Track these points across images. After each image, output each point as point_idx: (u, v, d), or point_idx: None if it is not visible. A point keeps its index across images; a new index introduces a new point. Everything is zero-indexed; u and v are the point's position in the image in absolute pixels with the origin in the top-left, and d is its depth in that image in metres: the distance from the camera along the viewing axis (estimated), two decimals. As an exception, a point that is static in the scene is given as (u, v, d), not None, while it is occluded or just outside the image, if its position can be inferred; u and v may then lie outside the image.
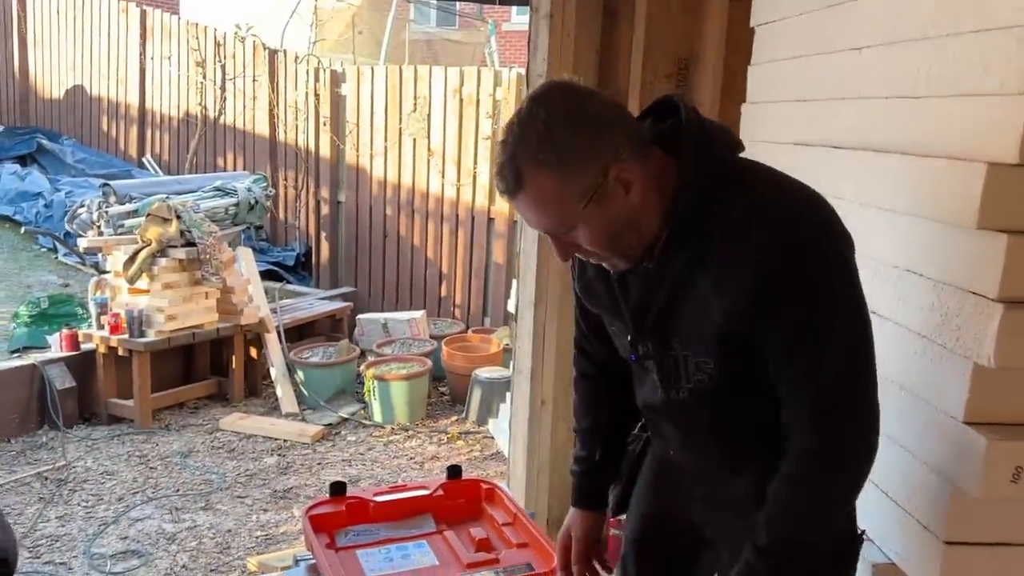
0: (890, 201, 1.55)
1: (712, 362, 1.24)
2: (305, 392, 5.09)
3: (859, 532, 1.34)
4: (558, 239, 1.23)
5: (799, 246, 1.15)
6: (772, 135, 2.14)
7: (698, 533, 1.48)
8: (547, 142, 1.14)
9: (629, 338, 1.33)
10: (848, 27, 1.75)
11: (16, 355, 5.07)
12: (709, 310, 1.20)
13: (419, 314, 5.83)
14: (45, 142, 8.55)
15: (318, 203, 6.98)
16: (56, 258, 7.27)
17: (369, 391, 4.93)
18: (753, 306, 1.16)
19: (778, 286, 1.14)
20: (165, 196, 5.03)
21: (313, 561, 1.73)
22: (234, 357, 5.12)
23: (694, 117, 1.23)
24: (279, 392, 5.08)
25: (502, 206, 6.01)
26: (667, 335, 1.28)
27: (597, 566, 1.62)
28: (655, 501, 1.56)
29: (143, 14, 8.30)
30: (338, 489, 1.89)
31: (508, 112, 5.89)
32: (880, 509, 1.54)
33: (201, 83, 7.69)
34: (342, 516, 1.84)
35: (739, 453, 1.35)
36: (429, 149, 6.29)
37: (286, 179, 7.16)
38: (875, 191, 1.61)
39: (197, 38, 7.69)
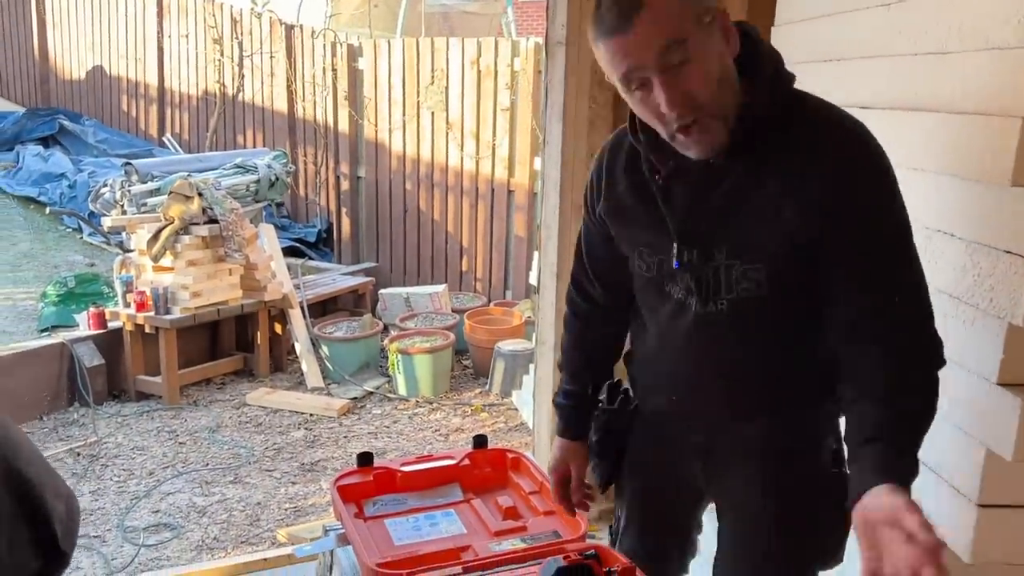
0: (921, 160, 1.52)
1: (764, 267, 1.25)
2: (330, 366, 5.13)
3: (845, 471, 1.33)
4: (670, 77, 1.15)
5: (879, 160, 1.21)
6: (797, 97, 2.10)
7: (699, 492, 1.52)
8: None
9: (675, 247, 1.29)
10: (876, -17, 1.71)
11: (45, 334, 5.16)
12: (777, 212, 1.21)
13: (441, 288, 5.85)
14: (67, 123, 8.62)
15: (338, 179, 6.99)
16: (81, 238, 7.35)
17: (393, 365, 4.96)
18: (831, 208, 1.18)
19: (856, 190, 1.18)
20: (187, 174, 5.06)
21: (342, 531, 1.75)
22: (259, 333, 5.16)
23: (766, 41, 1.28)
24: (304, 367, 5.12)
25: (521, 178, 5.98)
26: (711, 245, 1.27)
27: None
28: (651, 471, 1.56)
29: (160, -8, 8.31)
30: (365, 460, 1.89)
31: (526, 83, 5.84)
32: (911, 473, 1.52)
33: (219, 60, 7.69)
34: (370, 486, 1.85)
35: (756, 391, 1.35)
36: (447, 122, 6.25)
37: (305, 155, 7.16)
38: (905, 151, 1.57)
39: (214, 15, 7.68)
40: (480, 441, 1.98)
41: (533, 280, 4.11)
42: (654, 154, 1.28)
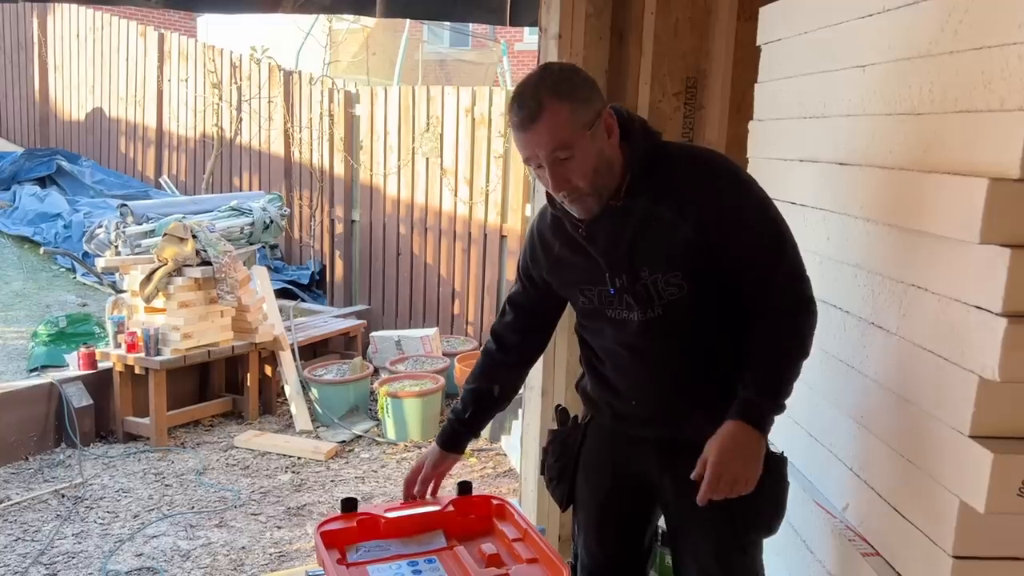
0: (895, 217, 1.56)
1: (681, 273, 1.57)
2: (319, 409, 5.12)
3: (780, 453, 1.67)
4: (556, 168, 1.52)
5: (736, 175, 1.61)
6: (779, 152, 2.15)
7: (653, 488, 1.75)
8: (564, 82, 1.51)
9: (607, 275, 1.62)
10: (852, 45, 1.77)
11: (34, 374, 5.14)
12: (677, 231, 1.55)
13: (432, 331, 5.86)
14: (64, 163, 8.68)
15: (332, 222, 7.04)
16: (74, 278, 7.36)
17: (382, 408, 4.94)
18: (717, 219, 1.53)
19: (733, 203, 1.55)
20: (181, 216, 5.10)
21: (324, 576, 1.74)
22: (249, 375, 5.16)
23: (637, 117, 1.66)
24: (293, 409, 5.11)
25: (514, 224, 6.04)
26: (636, 268, 1.59)
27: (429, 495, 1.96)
28: (607, 475, 1.81)
29: (161, 38, 8.45)
30: (349, 505, 1.90)
31: (520, 131, 5.92)
32: (887, 523, 1.54)
33: (217, 104, 7.80)
34: (353, 532, 1.85)
35: (696, 380, 1.65)
36: (442, 168, 6.34)
37: (301, 198, 7.23)
38: (880, 207, 1.62)
39: (214, 60, 7.81)
40: (465, 488, 1.98)
41: (523, 325, 4.13)
42: (569, 215, 1.63)
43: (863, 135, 1.71)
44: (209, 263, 4.81)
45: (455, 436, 1.95)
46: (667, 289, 1.58)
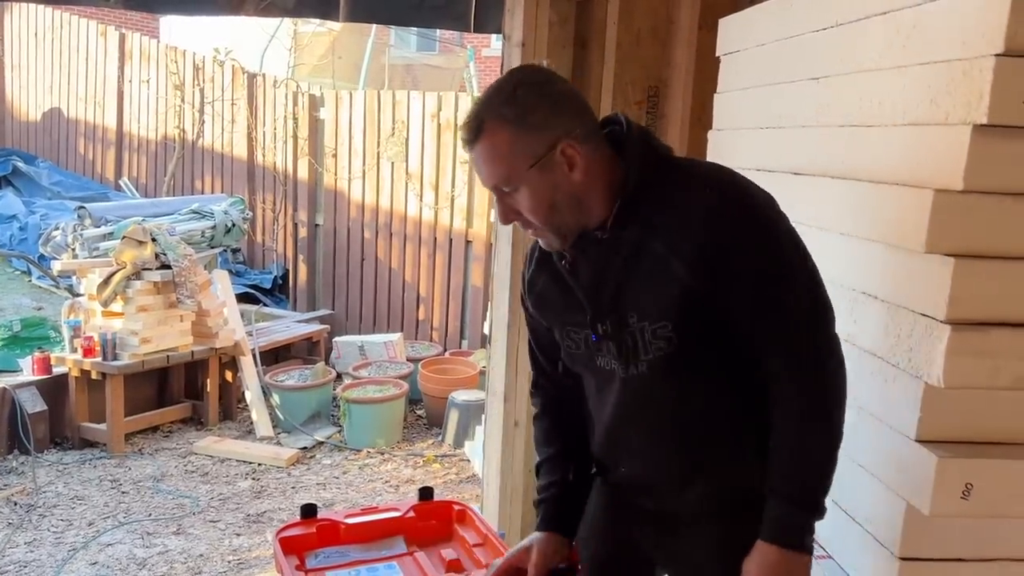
0: (846, 225, 1.60)
1: (670, 324, 1.29)
2: (280, 415, 5.07)
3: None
4: (502, 199, 1.33)
5: (741, 201, 1.29)
6: (737, 162, 2.18)
7: (651, 560, 1.53)
8: (512, 102, 1.28)
9: (589, 317, 1.37)
10: (807, 58, 1.81)
11: (-13, 378, 5.02)
12: (667, 268, 1.28)
13: (396, 336, 5.84)
14: (20, 164, 8.48)
15: (296, 226, 6.99)
16: (30, 281, 7.20)
17: (345, 414, 4.91)
18: (712, 259, 1.25)
19: (726, 234, 1.25)
20: (141, 219, 5.02)
21: (283, 583, 1.73)
22: (209, 380, 5.09)
23: (634, 124, 1.38)
24: (254, 415, 5.05)
25: (479, 229, 6.05)
26: (623, 311, 1.33)
27: None
28: (606, 540, 1.56)
29: (122, 38, 8.31)
30: (309, 511, 1.89)
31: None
32: (838, 525, 1.57)
33: (180, 106, 7.70)
34: (312, 538, 1.84)
35: (695, 447, 1.38)
36: (407, 173, 6.33)
37: (264, 202, 7.16)
38: (832, 216, 1.66)
39: (176, 62, 7.71)
40: (426, 493, 1.98)
41: (487, 330, 4.14)
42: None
43: (817, 146, 1.75)
44: (169, 267, 4.75)
45: (565, 510, 1.55)
46: (654, 343, 1.31)
